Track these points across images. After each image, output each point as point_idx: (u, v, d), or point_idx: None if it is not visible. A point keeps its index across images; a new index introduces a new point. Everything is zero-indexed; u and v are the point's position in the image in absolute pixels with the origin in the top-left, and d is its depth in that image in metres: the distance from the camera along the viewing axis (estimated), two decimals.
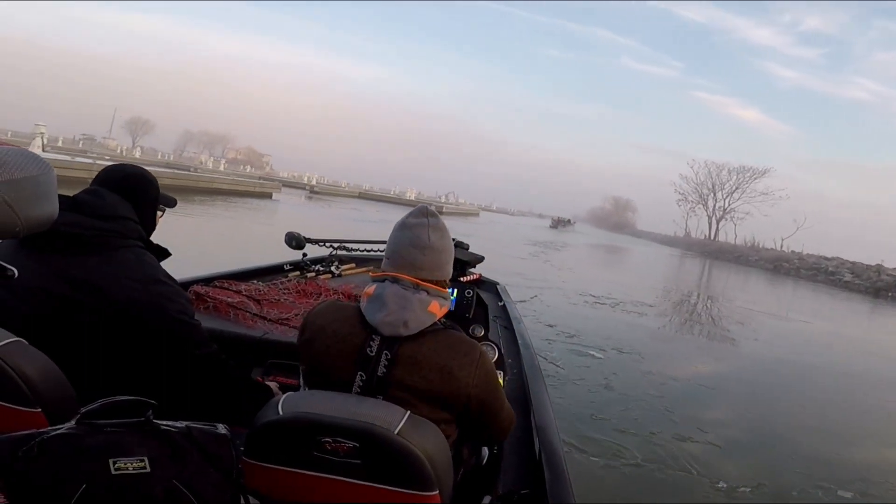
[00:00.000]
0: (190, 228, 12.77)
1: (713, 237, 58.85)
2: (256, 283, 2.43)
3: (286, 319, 2.06)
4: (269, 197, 32.86)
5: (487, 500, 1.35)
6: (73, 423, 0.95)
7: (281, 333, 1.95)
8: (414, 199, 66.22)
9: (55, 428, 0.95)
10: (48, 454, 0.92)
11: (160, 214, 1.55)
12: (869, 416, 6.28)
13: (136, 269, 1.30)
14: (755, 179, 58.99)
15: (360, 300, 1.20)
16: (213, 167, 56.48)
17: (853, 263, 32.64)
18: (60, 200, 1.06)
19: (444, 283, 1.23)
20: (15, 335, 1.07)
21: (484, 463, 1.47)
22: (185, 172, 31.10)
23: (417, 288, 1.16)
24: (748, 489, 3.66)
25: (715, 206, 61.44)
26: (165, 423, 0.97)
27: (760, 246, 46.82)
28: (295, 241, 2.97)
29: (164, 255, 1.47)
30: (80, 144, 55.79)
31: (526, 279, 12.24)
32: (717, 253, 44.93)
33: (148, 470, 0.95)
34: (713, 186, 61.85)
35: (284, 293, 2.39)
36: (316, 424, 1.01)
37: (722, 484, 3.65)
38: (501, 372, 1.94)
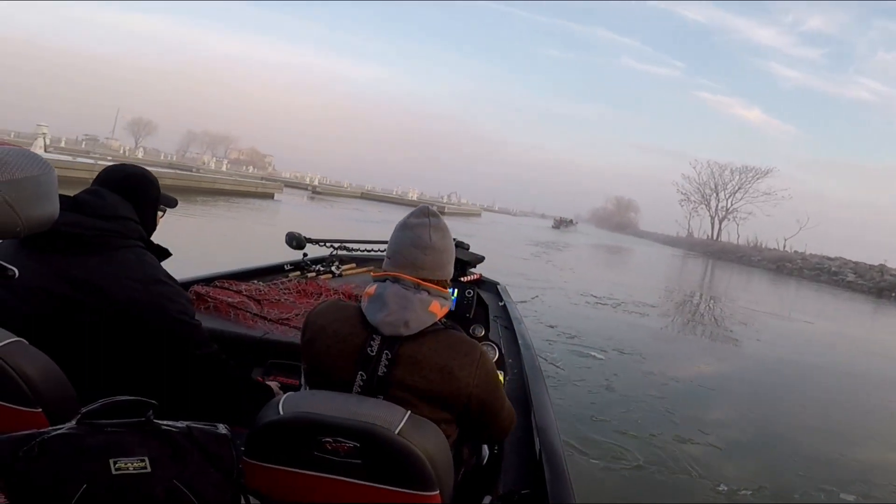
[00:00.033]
0: (192, 229, 12.79)
1: (716, 237, 58.72)
2: (257, 283, 2.43)
3: (286, 319, 2.06)
4: (270, 197, 32.88)
5: (488, 499, 1.35)
6: (73, 423, 0.95)
7: (281, 333, 1.95)
8: (416, 199, 66.23)
9: (56, 428, 0.95)
10: (49, 454, 0.92)
11: (161, 215, 1.56)
12: (872, 416, 6.26)
13: (136, 269, 1.30)
14: (758, 179, 58.96)
15: (360, 300, 1.20)
16: (215, 168, 56.59)
17: (856, 263, 32.58)
18: (61, 200, 1.06)
19: (444, 283, 1.23)
20: (16, 335, 1.07)
21: (484, 463, 1.47)
22: (186, 173, 31.12)
23: (418, 288, 1.16)
24: (749, 492, 3.65)
25: (717, 206, 61.41)
26: (166, 423, 0.97)
27: (763, 246, 46.77)
28: (295, 241, 2.97)
29: (164, 255, 1.47)
30: (83, 145, 55.92)
31: (527, 279, 12.23)
32: (719, 253, 44.85)
33: (148, 470, 0.95)
34: (716, 186, 61.81)
35: (285, 293, 2.39)
36: (316, 424, 1.01)
37: (723, 486, 3.64)
38: (502, 372, 1.94)
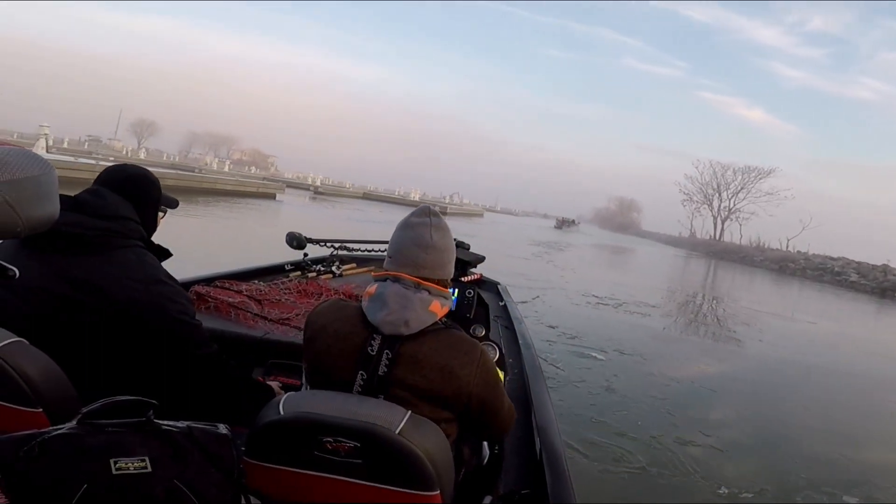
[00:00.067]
0: (194, 229, 12.81)
1: (718, 237, 58.63)
2: (257, 283, 2.43)
3: (287, 319, 2.06)
4: (272, 198, 32.94)
5: (488, 499, 1.35)
6: (74, 423, 0.95)
7: (282, 333, 1.95)
8: (418, 199, 66.27)
9: (56, 428, 0.95)
10: (49, 454, 0.92)
11: (161, 216, 1.56)
12: (875, 417, 6.23)
13: (137, 269, 1.30)
14: (760, 179, 58.88)
15: (361, 300, 1.20)
16: (217, 168, 56.68)
17: (859, 263, 32.50)
18: (62, 200, 1.06)
19: (445, 282, 1.23)
20: (16, 335, 1.07)
21: (485, 463, 1.47)
22: (188, 173, 31.21)
23: (419, 287, 1.16)
24: (751, 494, 3.63)
25: (720, 206, 61.35)
26: (166, 423, 0.97)
27: (766, 246, 46.70)
28: (296, 241, 2.97)
29: (164, 255, 1.48)
30: (85, 146, 55.99)
31: (529, 280, 12.23)
32: (722, 253, 44.78)
33: (149, 470, 0.95)
34: (718, 186, 61.77)
35: (285, 293, 2.39)
36: (317, 424, 1.01)
37: (724, 488, 3.62)
38: (502, 372, 1.93)
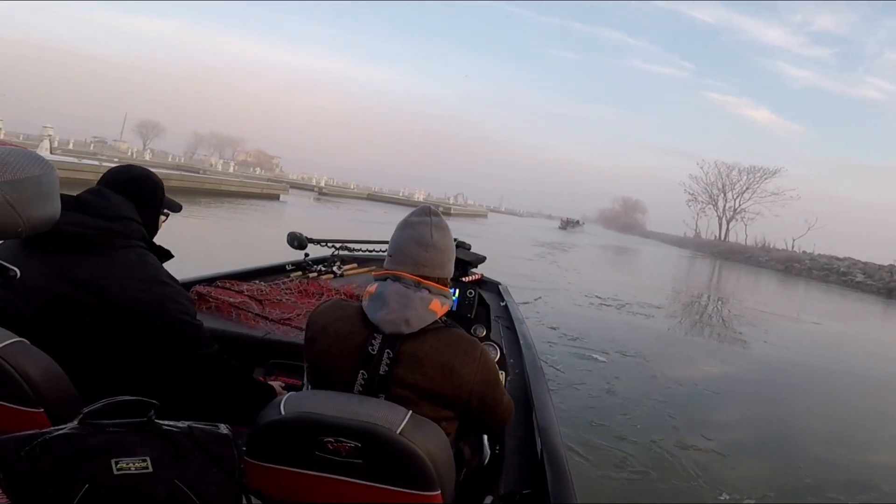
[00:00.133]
0: (196, 230, 12.85)
1: (723, 238, 58.37)
2: (258, 283, 2.44)
3: (288, 319, 2.07)
4: (276, 199, 33.01)
5: (489, 499, 1.35)
6: (75, 423, 0.95)
7: (283, 333, 1.95)
8: (422, 200, 66.23)
9: (58, 428, 0.95)
10: (51, 454, 0.93)
11: (163, 219, 1.55)
12: (881, 419, 6.19)
13: (138, 269, 1.31)
14: (766, 179, 58.54)
15: (362, 299, 1.20)
16: (222, 169, 56.87)
17: (865, 264, 32.27)
18: (64, 200, 1.07)
19: (445, 281, 1.23)
20: (17, 335, 1.07)
21: (486, 463, 1.47)
22: (192, 174, 31.32)
23: (419, 286, 1.16)
24: (754, 499, 3.59)
25: (725, 206, 61.02)
26: (167, 423, 0.98)
27: (771, 246, 46.42)
28: (297, 241, 2.98)
29: (166, 256, 1.48)
30: (91, 147, 56.21)
31: (531, 280, 12.20)
32: (727, 254, 44.58)
33: (150, 470, 0.95)
34: (723, 187, 61.43)
35: (286, 293, 2.39)
36: (318, 424, 1.01)
37: (726, 495, 3.58)
38: (503, 372, 1.93)
